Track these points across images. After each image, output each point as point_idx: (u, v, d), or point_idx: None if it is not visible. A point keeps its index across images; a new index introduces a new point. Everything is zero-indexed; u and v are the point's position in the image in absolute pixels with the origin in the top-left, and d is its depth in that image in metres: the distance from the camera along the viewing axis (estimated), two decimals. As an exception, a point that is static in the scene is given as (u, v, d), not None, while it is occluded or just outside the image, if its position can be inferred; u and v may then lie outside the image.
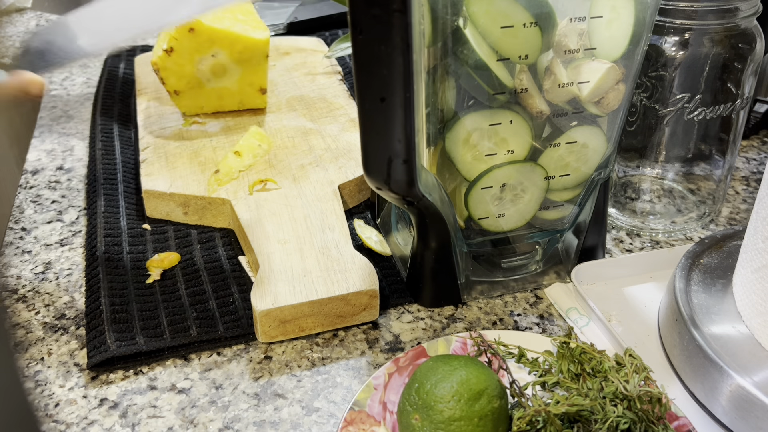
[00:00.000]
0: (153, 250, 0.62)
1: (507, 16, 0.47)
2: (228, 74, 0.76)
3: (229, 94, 0.77)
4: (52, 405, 0.50)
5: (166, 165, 0.69)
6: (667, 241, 0.66)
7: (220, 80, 0.76)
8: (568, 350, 0.48)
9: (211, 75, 0.75)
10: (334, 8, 1.08)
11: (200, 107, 0.77)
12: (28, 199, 0.71)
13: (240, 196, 0.64)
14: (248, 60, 0.76)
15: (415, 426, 0.42)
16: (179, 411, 0.49)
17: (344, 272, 0.56)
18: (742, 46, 0.59)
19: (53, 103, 0.89)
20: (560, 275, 0.60)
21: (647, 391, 0.42)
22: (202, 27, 0.72)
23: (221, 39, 0.73)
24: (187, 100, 0.76)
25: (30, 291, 0.60)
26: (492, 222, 0.55)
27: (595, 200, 0.58)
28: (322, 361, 0.53)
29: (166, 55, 0.72)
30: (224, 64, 0.75)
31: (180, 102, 0.76)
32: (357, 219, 0.66)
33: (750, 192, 0.73)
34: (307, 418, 0.49)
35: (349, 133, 0.74)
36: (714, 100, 0.60)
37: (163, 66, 0.73)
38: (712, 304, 0.51)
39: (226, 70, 0.76)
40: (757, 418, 0.45)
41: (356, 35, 0.44)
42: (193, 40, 0.72)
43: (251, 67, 0.76)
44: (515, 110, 0.51)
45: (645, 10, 0.50)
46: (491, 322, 0.57)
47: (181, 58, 0.73)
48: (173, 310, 0.56)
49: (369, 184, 0.51)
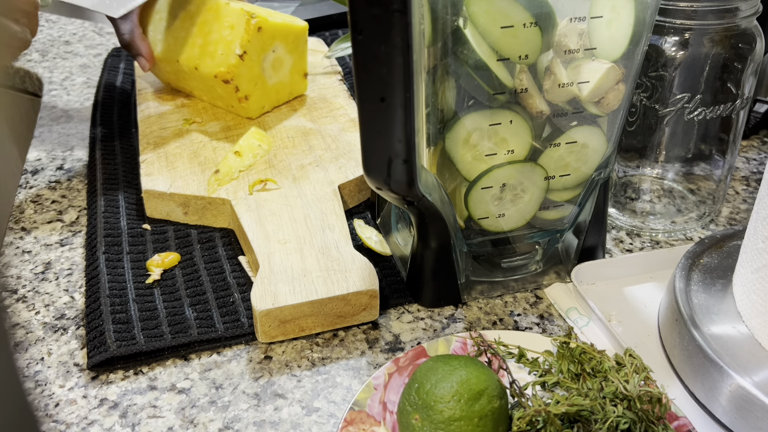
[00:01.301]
0: (153, 250, 0.62)
1: (507, 16, 0.47)
2: (283, 67, 0.77)
3: (283, 87, 0.78)
4: (52, 405, 0.50)
5: (166, 165, 0.69)
6: (667, 241, 0.66)
7: (278, 74, 0.77)
8: (568, 350, 0.48)
9: (272, 71, 0.76)
10: (334, 8, 1.08)
11: (262, 107, 0.77)
12: (28, 199, 0.71)
13: (240, 196, 0.64)
14: (298, 48, 0.78)
15: (415, 426, 0.42)
16: (179, 411, 0.49)
17: (344, 272, 0.56)
18: (742, 46, 0.59)
19: (53, 103, 0.89)
20: (560, 275, 0.60)
21: (647, 391, 0.42)
22: (267, 24, 0.72)
23: (281, 33, 0.74)
24: (254, 103, 0.76)
25: (30, 291, 0.60)
26: (492, 222, 0.55)
27: (595, 200, 0.58)
28: (322, 361, 0.53)
29: (240, 60, 0.71)
30: (281, 57, 0.76)
31: (249, 107, 0.75)
32: (357, 219, 0.66)
33: (750, 192, 0.73)
34: (307, 418, 0.49)
35: (349, 133, 0.74)
36: (714, 100, 0.60)
37: (237, 73, 0.72)
38: (712, 304, 0.51)
39: (282, 63, 0.77)
40: (757, 418, 0.45)
41: (356, 35, 0.44)
42: (260, 40, 0.72)
43: (299, 55, 0.78)
44: (515, 110, 0.51)
45: (645, 10, 0.50)
46: (491, 322, 0.57)
47: (251, 60, 0.73)
48: (173, 310, 0.56)
49: (369, 184, 0.51)
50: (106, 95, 0.87)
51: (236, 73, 0.72)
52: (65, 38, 1.08)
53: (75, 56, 1.02)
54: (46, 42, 1.06)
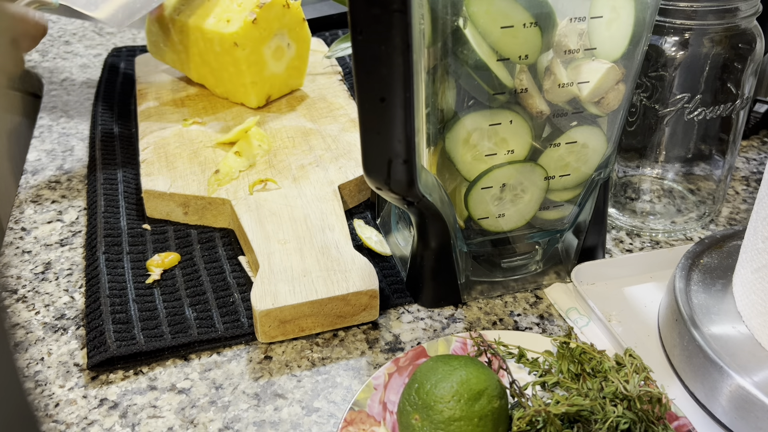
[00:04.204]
0: (153, 250, 0.62)
1: (507, 16, 0.47)
2: (284, 57, 0.77)
3: (281, 79, 0.79)
4: (52, 405, 0.50)
5: (166, 165, 0.69)
6: (667, 241, 0.66)
7: (279, 64, 0.77)
8: (568, 350, 0.48)
9: (273, 59, 0.76)
10: (334, 8, 1.08)
11: (263, 95, 0.77)
12: (28, 199, 0.71)
13: (240, 196, 0.64)
14: (300, 39, 0.78)
15: (415, 426, 0.42)
16: (179, 411, 0.49)
17: (344, 272, 0.56)
18: (742, 46, 0.59)
19: (53, 103, 0.89)
20: (560, 275, 0.60)
21: (647, 391, 0.42)
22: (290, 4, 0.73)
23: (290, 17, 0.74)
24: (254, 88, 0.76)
25: (30, 291, 0.60)
26: (492, 222, 0.55)
27: (595, 200, 0.58)
28: (322, 361, 0.53)
29: (251, 26, 0.71)
30: (283, 47, 0.76)
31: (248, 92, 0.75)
32: (357, 219, 0.66)
33: (750, 192, 0.73)
34: (307, 418, 0.49)
35: (349, 133, 0.74)
36: (714, 100, 0.60)
37: (247, 38, 0.71)
38: (712, 304, 0.51)
39: (284, 53, 0.77)
40: (757, 418, 0.45)
41: (356, 35, 0.44)
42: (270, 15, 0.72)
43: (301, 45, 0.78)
44: (515, 110, 0.51)
45: (645, 10, 0.50)
46: (491, 322, 0.57)
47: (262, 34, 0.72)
48: (173, 310, 0.56)
49: (369, 184, 0.51)
50: (106, 95, 0.87)
51: (246, 37, 0.72)
52: (65, 38, 1.08)
53: (75, 56, 1.02)
54: (46, 42, 1.06)
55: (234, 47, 0.72)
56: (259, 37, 0.73)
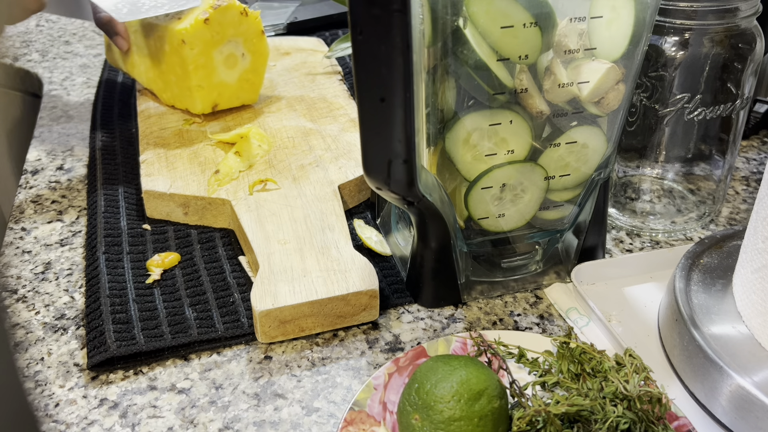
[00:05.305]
0: (153, 250, 0.62)
1: (507, 16, 0.47)
2: (237, 66, 0.74)
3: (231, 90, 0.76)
4: (52, 405, 0.50)
5: (166, 165, 0.69)
6: (667, 241, 0.66)
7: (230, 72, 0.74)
8: (568, 350, 0.48)
9: (224, 67, 0.73)
10: (334, 8, 1.08)
11: (208, 102, 0.75)
12: (28, 199, 0.71)
13: (240, 196, 0.64)
14: (257, 50, 0.75)
15: (415, 426, 0.42)
16: (179, 411, 0.49)
17: (344, 272, 0.56)
18: (742, 46, 0.59)
19: (53, 103, 0.89)
20: (560, 275, 0.60)
21: (647, 391, 0.42)
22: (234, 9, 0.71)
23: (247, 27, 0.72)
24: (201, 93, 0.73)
25: (30, 291, 0.60)
26: (492, 222, 0.55)
27: (595, 200, 0.58)
28: (322, 361, 0.53)
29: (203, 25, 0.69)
30: (236, 55, 0.74)
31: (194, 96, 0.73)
32: (357, 219, 0.66)
33: (750, 192, 0.73)
34: (307, 418, 0.49)
35: (349, 133, 0.74)
36: (714, 100, 0.60)
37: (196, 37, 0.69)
38: (712, 304, 0.51)
39: (237, 62, 0.74)
40: (757, 418, 0.45)
41: (356, 35, 0.44)
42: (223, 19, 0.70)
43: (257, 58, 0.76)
44: (515, 110, 0.51)
45: (645, 10, 0.50)
46: (491, 322, 0.57)
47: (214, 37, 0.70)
48: (173, 310, 0.56)
49: (369, 184, 0.51)
50: (106, 95, 0.87)
51: (196, 36, 0.69)
52: (65, 38, 1.08)
53: (75, 56, 1.02)
54: (46, 42, 1.06)
55: (182, 45, 0.70)
56: (210, 39, 0.71)
